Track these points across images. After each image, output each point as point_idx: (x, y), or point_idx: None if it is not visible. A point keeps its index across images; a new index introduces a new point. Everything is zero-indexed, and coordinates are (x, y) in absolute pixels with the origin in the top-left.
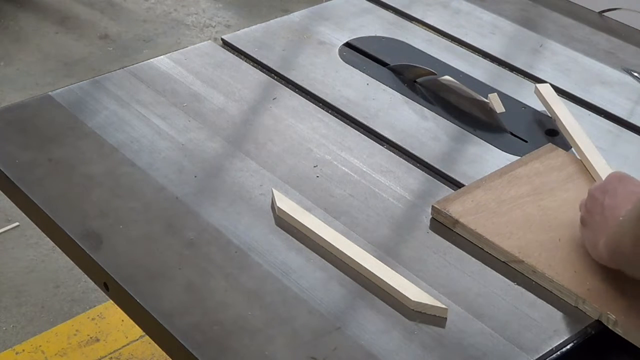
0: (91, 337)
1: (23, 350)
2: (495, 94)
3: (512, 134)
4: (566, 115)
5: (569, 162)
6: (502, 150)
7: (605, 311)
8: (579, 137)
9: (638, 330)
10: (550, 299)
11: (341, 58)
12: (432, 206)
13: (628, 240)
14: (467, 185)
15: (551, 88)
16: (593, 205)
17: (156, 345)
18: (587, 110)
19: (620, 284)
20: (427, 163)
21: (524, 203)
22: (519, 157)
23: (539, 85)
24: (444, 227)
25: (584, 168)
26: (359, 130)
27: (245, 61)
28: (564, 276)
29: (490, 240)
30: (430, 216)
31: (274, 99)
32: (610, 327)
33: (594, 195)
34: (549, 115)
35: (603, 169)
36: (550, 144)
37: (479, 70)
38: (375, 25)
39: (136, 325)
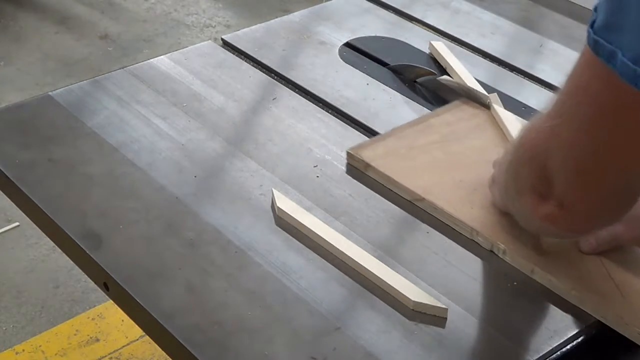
0: (91, 337)
1: (23, 350)
2: (495, 94)
3: None
4: (455, 62)
5: (478, 114)
6: None
7: (495, 241)
8: (466, 77)
9: (523, 257)
10: (551, 299)
11: (341, 58)
12: (347, 151)
13: (501, 188)
14: (381, 134)
15: (444, 45)
16: (496, 170)
17: (156, 345)
18: None
19: (512, 220)
20: None
21: (432, 149)
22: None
23: (434, 42)
24: (444, 224)
25: (493, 119)
26: (359, 130)
27: (245, 61)
28: (461, 212)
29: (396, 180)
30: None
31: (274, 99)
32: (500, 256)
33: (496, 161)
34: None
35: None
36: (463, 98)
37: (479, 70)
38: (375, 25)
39: (136, 325)
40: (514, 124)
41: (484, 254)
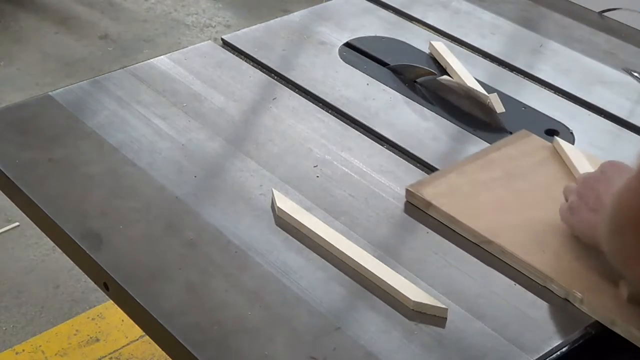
0: (91, 337)
1: (23, 350)
2: (495, 94)
3: (512, 134)
4: (455, 62)
5: (541, 148)
6: None
7: (572, 290)
8: (466, 77)
9: (602, 307)
10: (551, 300)
11: (341, 58)
12: (406, 189)
13: (605, 231)
14: (441, 169)
15: (444, 45)
16: (587, 192)
17: (156, 345)
18: (587, 110)
19: (587, 264)
20: (427, 163)
21: (496, 186)
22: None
23: (434, 42)
24: (444, 226)
25: (556, 153)
26: (359, 130)
27: (245, 61)
28: (532, 256)
29: (461, 221)
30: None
31: (274, 99)
32: (576, 305)
33: (589, 182)
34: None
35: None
36: (524, 130)
37: (479, 70)
38: (375, 25)
39: (136, 325)
40: (579, 159)
41: (484, 255)
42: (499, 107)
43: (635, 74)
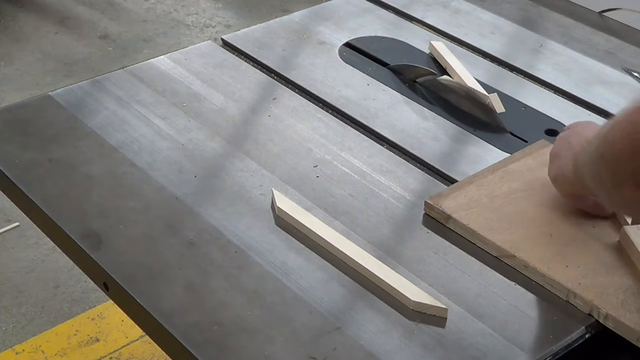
0: (91, 337)
1: (23, 350)
2: (495, 94)
3: (512, 134)
4: (455, 62)
5: None
6: (502, 150)
7: (596, 305)
8: (466, 77)
9: (628, 323)
10: (550, 299)
11: (341, 58)
12: (425, 202)
13: (588, 161)
14: (459, 181)
15: (444, 45)
16: (561, 145)
17: (156, 345)
18: (587, 110)
19: (611, 279)
20: (427, 163)
21: (516, 199)
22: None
23: (434, 42)
24: (444, 227)
25: None
26: (359, 130)
27: (245, 61)
28: (555, 270)
29: (482, 235)
30: (425, 213)
31: (274, 99)
32: (601, 321)
33: (562, 137)
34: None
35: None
36: (542, 140)
37: (479, 70)
38: (375, 25)
39: (136, 325)
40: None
41: (483, 255)
42: (499, 107)
43: (635, 74)
